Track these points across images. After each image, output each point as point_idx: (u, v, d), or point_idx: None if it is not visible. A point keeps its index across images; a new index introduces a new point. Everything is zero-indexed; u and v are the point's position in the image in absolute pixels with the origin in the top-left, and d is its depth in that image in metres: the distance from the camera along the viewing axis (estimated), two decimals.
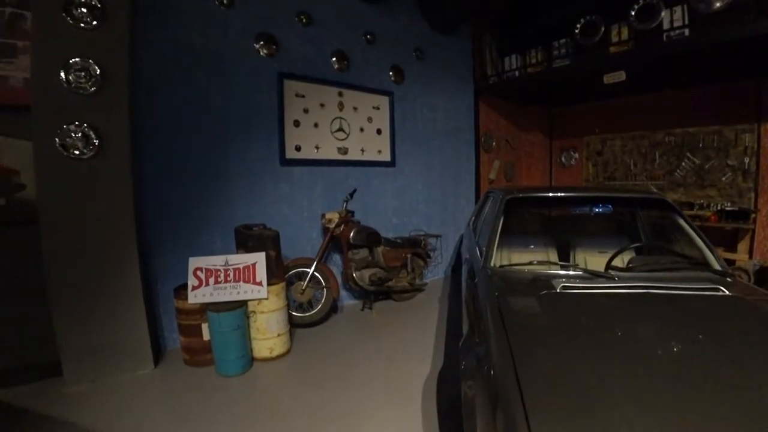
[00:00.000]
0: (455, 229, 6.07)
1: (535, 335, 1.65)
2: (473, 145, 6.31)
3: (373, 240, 4.41)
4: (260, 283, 3.28)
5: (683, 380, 1.35)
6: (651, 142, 6.10)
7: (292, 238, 4.26)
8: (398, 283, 4.71)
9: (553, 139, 7.51)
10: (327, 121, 4.56)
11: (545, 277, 2.22)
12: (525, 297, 1.99)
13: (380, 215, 5.11)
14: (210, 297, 3.20)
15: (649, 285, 2.02)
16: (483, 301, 2.02)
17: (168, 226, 3.52)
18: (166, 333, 3.55)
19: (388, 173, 5.18)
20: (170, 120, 3.50)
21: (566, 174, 7.32)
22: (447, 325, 4.03)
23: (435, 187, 5.77)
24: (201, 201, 3.69)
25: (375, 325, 4.12)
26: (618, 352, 1.51)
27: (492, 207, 3.24)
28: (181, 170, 3.57)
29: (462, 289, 3.12)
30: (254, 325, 3.31)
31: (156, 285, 3.48)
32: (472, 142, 6.29)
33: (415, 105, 5.45)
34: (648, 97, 6.04)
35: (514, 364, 1.45)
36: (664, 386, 1.33)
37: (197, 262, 3.26)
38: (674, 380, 1.35)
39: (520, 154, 7.21)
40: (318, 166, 4.50)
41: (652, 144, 6.10)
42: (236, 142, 3.89)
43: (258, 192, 4.06)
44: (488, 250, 2.55)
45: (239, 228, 3.54)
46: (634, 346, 1.55)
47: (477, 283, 2.34)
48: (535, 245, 3.05)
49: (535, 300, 1.93)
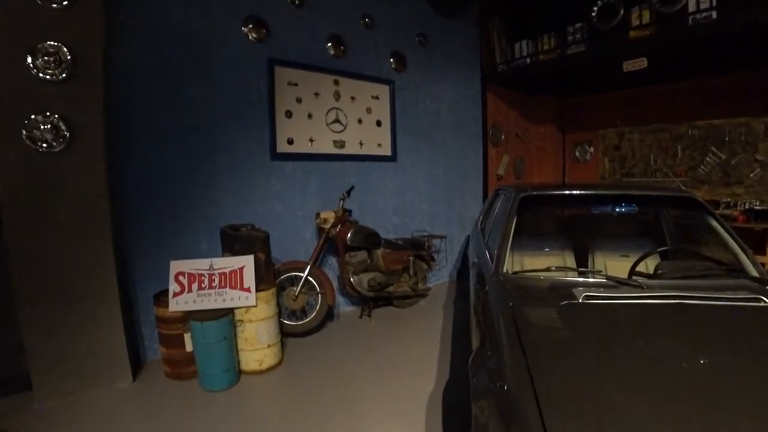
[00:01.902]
0: (461, 230, 6.05)
1: (556, 351, 1.59)
2: (480, 139, 6.29)
3: (372, 241, 4.37)
4: (248, 289, 3.24)
5: (722, 405, 1.28)
6: (672, 136, 6.04)
7: (283, 239, 4.22)
8: (399, 288, 4.68)
9: (566, 132, 7.47)
10: (322, 111, 4.51)
11: (564, 285, 2.17)
12: (543, 308, 1.94)
13: (380, 214, 5.07)
14: (193, 304, 3.16)
15: (680, 294, 1.95)
16: (495, 312, 1.97)
17: (147, 227, 3.47)
18: (146, 343, 3.50)
19: (388, 169, 5.13)
20: (149, 111, 3.44)
21: (580, 170, 7.28)
22: (453, 334, 3.99)
23: (439, 183, 5.73)
24: (184, 199, 3.64)
25: (374, 333, 4.08)
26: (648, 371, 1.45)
27: (503, 206, 3.22)
28: (162, 165, 3.52)
29: (470, 296, 3.09)
30: (242, 335, 3.27)
31: (135, 291, 3.43)
32: (479, 136, 6.26)
33: (418, 95, 5.40)
34: (670, 87, 5.98)
35: (532, 381, 1.40)
36: (698, 411, 1.26)
37: (179, 265, 3.21)
38: (711, 405, 1.28)
39: (530, 148, 7.18)
40: (312, 161, 4.45)
41: (673, 137, 6.03)
42: (222, 135, 3.83)
43: (246, 189, 4.01)
44: (500, 254, 2.50)
45: (225, 229, 3.49)
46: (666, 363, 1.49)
47: (488, 291, 2.29)
48: (551, 248, 3.02)
49: (554, 311, 1.88)
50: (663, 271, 2.32)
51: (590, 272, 2.51)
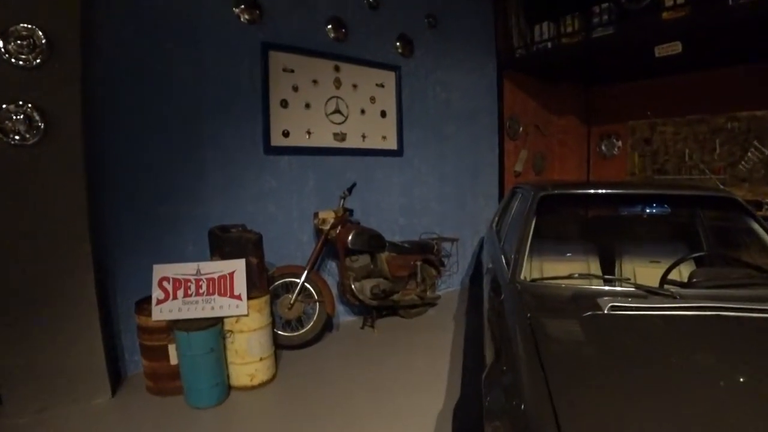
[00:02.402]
0: (474, 232, 6.03)
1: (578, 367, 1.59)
2: (496, 131, 6.28)
3: (376, 244, 4.37)
4: (239, 296, 3.24)
5: None
6: (710, 128, 6.01)
7: (278, 241, 4.22)
8: (405, 296, 4.68)
9: (591, 124, 7.44)
10: (321, 101, 4.51)
11: (588, 294, 2.16)
12: (565, 319, 1.93)
13: (384, 215, 5.07)
14: (178, 313, 3.16)
15: (717, 305, 1.93)
16: (512, 323, 1.97)
17: (129, 227, 3.48)
18: (127, 355, 3.52)
19: (393, 164, 5.13)
20: (132, 100, 3.45)
21: (607, 166, 7.25)
22: (464, 347, 3.99)
23: (450, 181, 5.73)
24: (168, 197, 3.65)
25: (377, 346, 4.08)
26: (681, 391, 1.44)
27: (521, 206, 3.21)
28: (145, 160, 3.53)
29: (483, 306, 3.08)
30: (232, 347, 3.27)
31: (115, 297, 3.44)
32: (494, 128, 6.25)
33: (427, 82, 5.40)
34: (707, 74, 5.94)
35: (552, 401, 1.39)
36: None
37: (163, 270, 3.22)
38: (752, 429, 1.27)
39: (551, 142, 7.16)
40: (310, 155, 4.45)
41: (711, 130, 6.00)
42: (211, 127, 3.84)
43: (237, 186, 4.02)
44: (517, 259, 2.50)
45: (214, 230, 3.50)
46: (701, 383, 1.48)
47: (503, 300, 2.29)
48: (573, 253, 3.02)
49: (577, 323, 1.88)
50: (698, 279, 2.30)
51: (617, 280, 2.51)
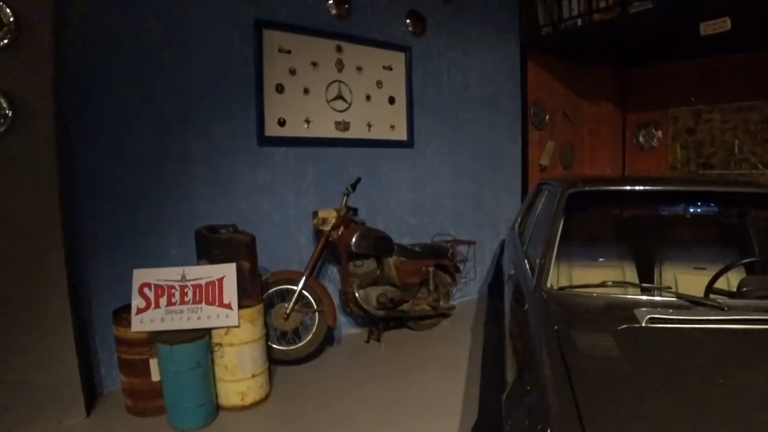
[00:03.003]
0: (494, 234, 6.02)
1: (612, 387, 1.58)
2: (519, 120, 6.25)
3: (383, 247, 4.37)
4: (229, 305, 3.25)
5: None
6: (763, 117, 5.96)
7: (273, 243, 4.24)
8: (416, 306, 4.67)
9: (627, 111, 7.40)
10: (321, 85, 4.52)
11: (624, 304, 2.16)
12: (597, 333, 1.93)
13: (392, 214, 5.07)
14: (161, 323, 3.17)
15: None
16: (536, 337, 1.97)
17: (106, 228, 3.49)
18: (104, 370, 3.53)
19: (403, 157, 5.13)
20: (110, 85, 3.46)
21: (645, 159, 7.21)
22: (482, 364, 3.98)
23: (467, 175, 5.72)
24: (150, 193, 3.66)
25: (384, 362, 4.09)
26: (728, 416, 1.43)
27: (547, 204, 3.20)
28: (123, 151, 3.54)
29: (504, 317, 3.08)
30: (221, 362, 3.28)
31: (90, 306, 3.46)
32: (517, 116, 6.23)
33: (441, 64, 5.39)
34: (760, 55, 5.88)
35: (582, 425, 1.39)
36: None
37: (144, 275, 3.23)
38: None
39: (581, 132, 7.12)
40: (309, 147, 4.46)
41: (764, 119, 5.95)
42: (198, 115, 3.86)
43: (227, 181, 4.03)
44: (543, 265, 2.49)
45: (201, 230, 3.51)
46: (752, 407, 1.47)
47: (527, 310, 2.29)
48: (607, 258, 3.02)
49: (611, 337, 1.87)
50: (749, 288, 2.30)
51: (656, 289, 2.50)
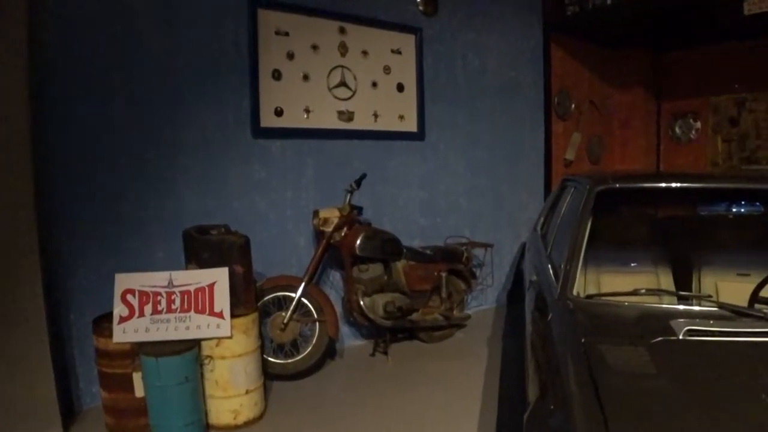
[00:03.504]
0: (514, 236, 6.02)
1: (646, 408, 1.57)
2: (542, 109, 6.24)
3: (391, 250, 4.37)
4: (220, 313, 3.25)
5: None
6: None
7: (269, 246, 4.25)
8: (427, 316, 4.67)
9: (662, 100, 7.37)
10: (322, 71, 4.53)
11: (659, 314, 2.15)
12: (628, 347, 1.92)
13: (401, 213, 5.08)
14: (145, 333, 3.17)
15: None
16: (561, 351, 1.97)
17: (85, 228, 3.51)
18: (82, 385, 3.54)
19: (413, 150, 5.13)
20: (89, 68, 3.48)
21: (682, 153, 7.18)
22: (501, 380, 3.97)
23: (484, 171, 5.72)
24: (134, 191, 3.68)
25: (392, 378, 4.09)
26: None
27: (573, 203, 3.19)
28: (104, 143, 3.56)
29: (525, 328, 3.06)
30: (211, 377, 3.29)
31: (68, 315, 3.47)
32: (539, 105, 6.21)
33: (455, 47, 5.39)
34: None
35: None
36: None
37: (127, 281, 3.24)
38: None
39: (611, 123, 7.10)
40: (308, 139, 4.47)
41: None
42: (186, 104, 3.87)
43: (218, 177, 4.05)
44: (568, 270, 2.49)
45: (190, 231, 3.51)
46: None
47: (551, 321, 2.29)
48: (640, 263, 3.01)
49: (644, 352, 1.86)
50: None
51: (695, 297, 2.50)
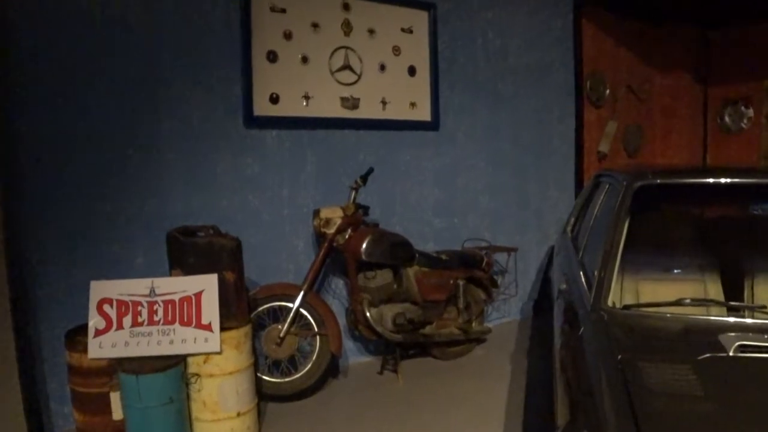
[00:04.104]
0: (540, 238, 6.02)
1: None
2: (572, 95, 6.23)
3: (401, 255, 4.36)
4: (208, 326, 3.26)
5: None
6: None
7: (263, 250, 4.27)
8: (442, 329, 4.66)
9: (710, 84, 7.33)
10: (324, 53, 4.53)
11: (706, 327, 2.16)
12: (671, 364, 1.92)
13: (413, 213, 5.08)
14: (125, 348, 3.18)
15: None
16: (595, 369, 1.97)
17: (57, 230, 3.52)
18: (54, 406, 3.55)
19: (427, 142, 5.14)
20: (60, 49, 3.49)
21: (732, 144, 7.16)
22: (526, 402, 3.97)
23: (506, 165, 5.71)
24: (111, 188, 3.69)
25: (401, 399, 4.09)
26: None
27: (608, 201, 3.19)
28: (77, 137, 3.57)
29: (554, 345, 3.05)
30: (198, 397, 3.29)
31: (37, 327, 3.48)
32: (569, 90, 6.21)
33: (473, 26, 5.38)
34: None
35: None
36: None
37: (104, 289, 3.24)
38: None
39: (652, 110, 7.07)
40: (308, 129, 4.48)
41: None
42: (170, 89, 3.88)
43: (206, 173, 4.06)
44: (602, 277, 2.49)
45: (174, 233, 3.52)
46: None
47: (582, 335, 2.28)
48: (684, 269, 3.01)
49: (689, 370, 1.85)
50: None
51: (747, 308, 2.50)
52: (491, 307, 5.33)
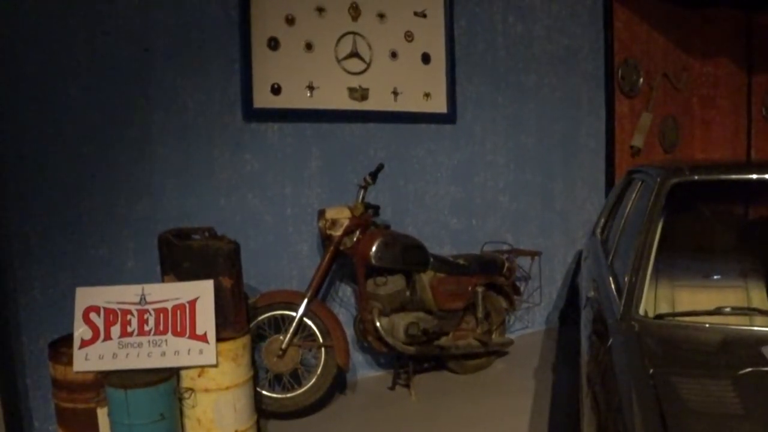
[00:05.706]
0: (567, 242, 6.02)
1: None
2: (602, 85, 6.22)
3: (414, 259, 4.37)
4: (203, 336, 3.26)
5: None
6: None
7: (264, 254, 4.28)
8: (459, 341, 4.66)
9: (754, 72, 7.27)
10: (329, 39, 4.54)
11: (748, 339, 2.15)
12: (708, 379, 1.91)
13: (427, 214, 5.09)
14: (113, 360, 3.19)
15: None
16: (625, 384, 1.96)
17: (40, 232, 3.54)
18: (36, 422, 3.57)
19: (442, 136, 5.14)
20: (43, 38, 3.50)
21: None
22: (550, 421, 3.95)
23: (530, 162, 5.72)
24: (98, 187, 3.71)
25: (416, 417, 4.08)
26: None
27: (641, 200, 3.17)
28: (64, 132, 3.58)
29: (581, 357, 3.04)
30: (192, 414, 3.30)
31: (18, 337, 3.50)
32: (599, 79, 6.20)
33: (493, 9, 5.38)
34: None
35: None
36: None
37: (91, 296, 3.25)
38: None
39: (690, 101, 7.06)
40: (313, 122, 4.49)
41: None
42: (162, 79, 3.90)
43: (201, 170, 4.08)
44: (634, 283, 2.48)
45: (167, 236, 3.53)
46: None
47: (612, 347, 2.27)
48: (725, 275, 3.00)
49: (729, 386, 1.85)
50: None
51: None
52: (513, 316, 5.33)
